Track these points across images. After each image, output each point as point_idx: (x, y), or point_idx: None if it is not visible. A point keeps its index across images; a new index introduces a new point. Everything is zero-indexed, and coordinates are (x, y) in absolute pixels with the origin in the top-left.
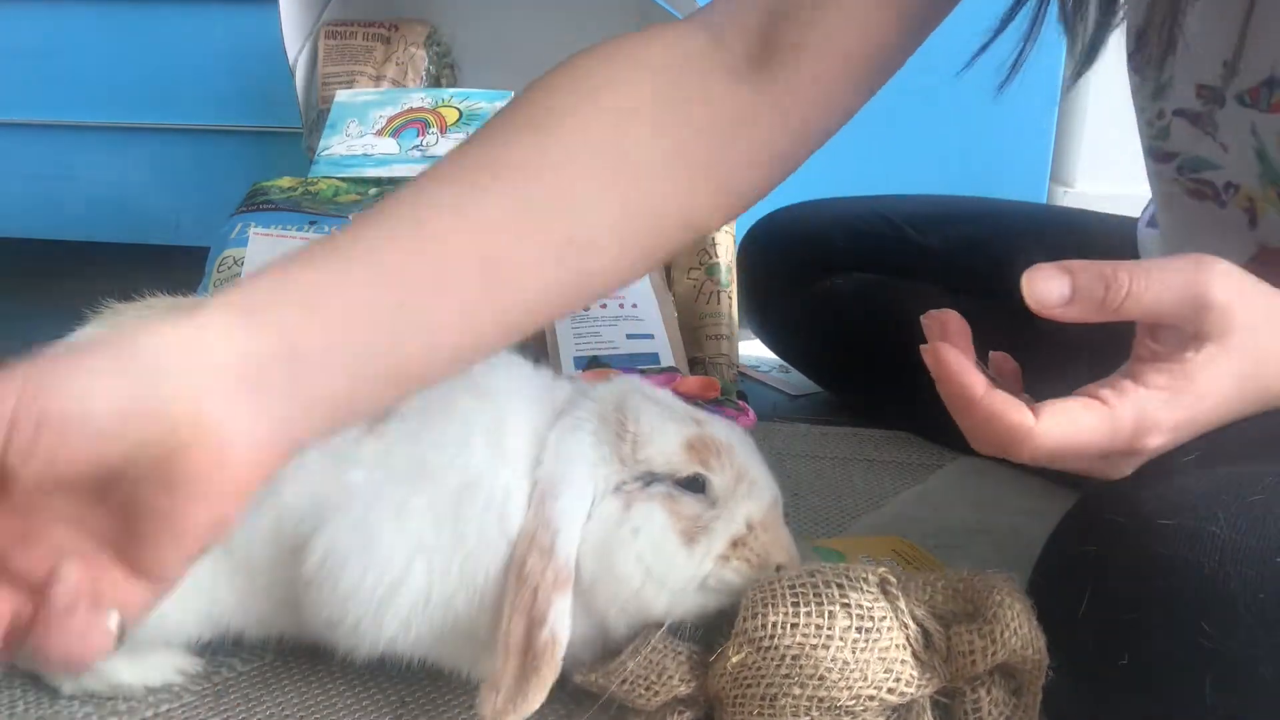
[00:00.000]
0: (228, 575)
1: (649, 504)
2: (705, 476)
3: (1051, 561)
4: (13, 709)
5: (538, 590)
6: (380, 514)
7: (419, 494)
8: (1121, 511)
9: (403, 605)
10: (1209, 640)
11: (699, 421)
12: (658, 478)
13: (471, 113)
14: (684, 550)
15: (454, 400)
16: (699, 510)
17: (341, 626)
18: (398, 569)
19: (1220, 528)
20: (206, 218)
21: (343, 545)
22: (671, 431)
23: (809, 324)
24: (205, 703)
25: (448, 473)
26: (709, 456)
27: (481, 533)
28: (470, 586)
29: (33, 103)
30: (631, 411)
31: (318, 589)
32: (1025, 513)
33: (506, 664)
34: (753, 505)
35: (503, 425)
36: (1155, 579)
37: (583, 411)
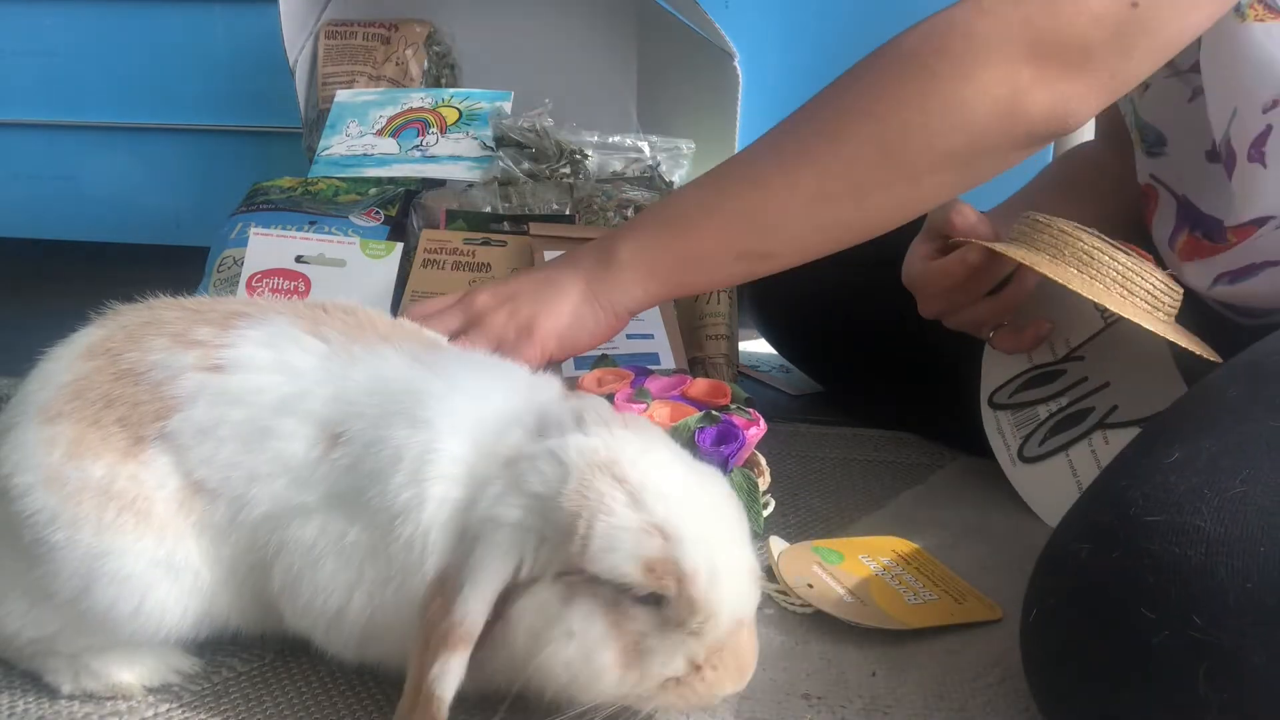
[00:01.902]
0: (222, 579)
1: (590, 605)
2: (662, 598)
3: (1048, 563)
4: (12, 709)
5: (429, 641)
6: (324, 544)
7: (354, 525)
8: (1110, 511)
9: (351, 627)
10: (1199, 631)
11: (666, 534)
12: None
13: (471, 113)
14: (616, 673)
15: (391, 429)
16: (645, 629)
17: (312, 637)
18: (339, 598)
19: (1205, 520)
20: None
21: (296, 568)
22: (628, 548)
23: (811, 320)
24: (205, 703)
25: (377, 507)
26: (668, 581)
27: (405, 570)
28: (409, 612)
29: (33, 103)
30: (589, 507)
31: (284, 605)
32: (1025, 513)
33: (406, 695)
34: (705, 641)
35: (429, 459)
36: (1145, 575)
37: (533, 474)
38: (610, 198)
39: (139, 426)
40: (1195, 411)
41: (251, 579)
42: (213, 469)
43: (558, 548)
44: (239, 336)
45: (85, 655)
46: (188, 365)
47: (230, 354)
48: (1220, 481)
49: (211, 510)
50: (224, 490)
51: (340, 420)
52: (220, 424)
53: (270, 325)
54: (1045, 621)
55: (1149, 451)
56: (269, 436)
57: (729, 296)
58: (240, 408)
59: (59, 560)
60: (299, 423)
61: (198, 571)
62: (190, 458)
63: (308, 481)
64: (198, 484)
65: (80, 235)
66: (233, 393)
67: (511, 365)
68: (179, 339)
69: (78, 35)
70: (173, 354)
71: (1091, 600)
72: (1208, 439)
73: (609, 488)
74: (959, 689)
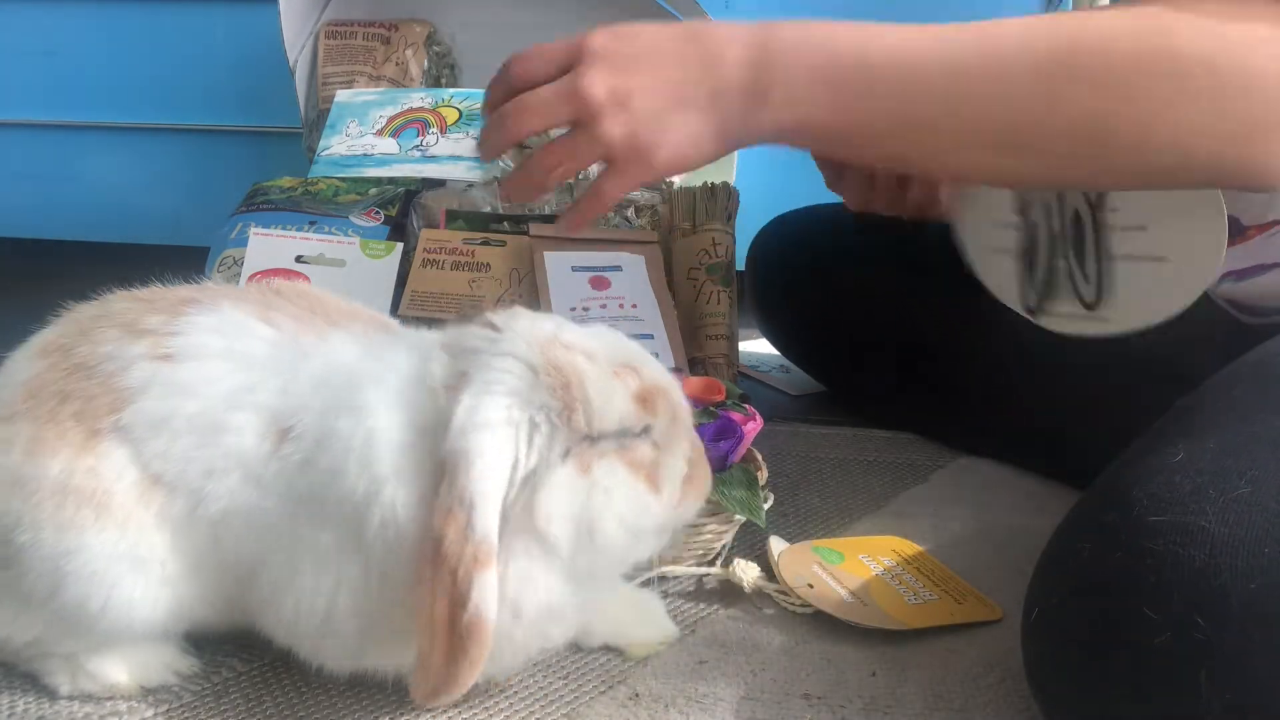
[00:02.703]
0: (186, 571)
1: (607, 462)
2: (649, 425)
3: (1050, 561)
4: (12, 709)
5: (457, 571)
6: (299, 553)
7: (324, 529)
8: (1114, 510)
9: (341, 632)
10: (1202, 633)
11: (634, 368)
12: (606, 435)
13: (472, 113)
14: (654, 499)
15: (337, 420)
16: (650, 455)
17: (300, 651)
18: (323, 603)
19: (1210, 521)
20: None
21: (276, 582)
22: (620, 391)
23: (815, 320)
24: (205, 703)
25: (340, 503)
26: (655, 404)
27: (386, 550)
28: (395, 600)
29: (33, 103)
30: (572, 375)
31: (269, 619)
32: (1025, 512)
33: (433, 646)
34: (687, 441)
35: (373, 442)
36: (1148, 575)
37: (495, 374)
38: None
39: (94, 420)
40: (1201, 411)
41: (216, 577)
42: (169, 463)
43: (556, 428)
44: (188, 324)
45: (81, 656)
46: (138, 355)
47: (179, 342)
48: (1225, 482)
49: (170, 503)
50: (180, 484)
51: (289, 414)
52: (174, 416)
53: (220, 312)
54: (1047, 621)
55: (1154, 450)
56: (222, 430)
57: (729, 297)
58: (193, 399)
59: (27, 562)
60: (249, 415)
61: (163, 562)
62: (146, 450)
63: (261, 479)
64: (155, 477)
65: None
66: (184, 383)
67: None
68: (129, 329)
69: (78, 35)
70: (123, 345)
71: (1093, 600)
72: (1213, 439)
73: (569, 355)
74: (959, 689)
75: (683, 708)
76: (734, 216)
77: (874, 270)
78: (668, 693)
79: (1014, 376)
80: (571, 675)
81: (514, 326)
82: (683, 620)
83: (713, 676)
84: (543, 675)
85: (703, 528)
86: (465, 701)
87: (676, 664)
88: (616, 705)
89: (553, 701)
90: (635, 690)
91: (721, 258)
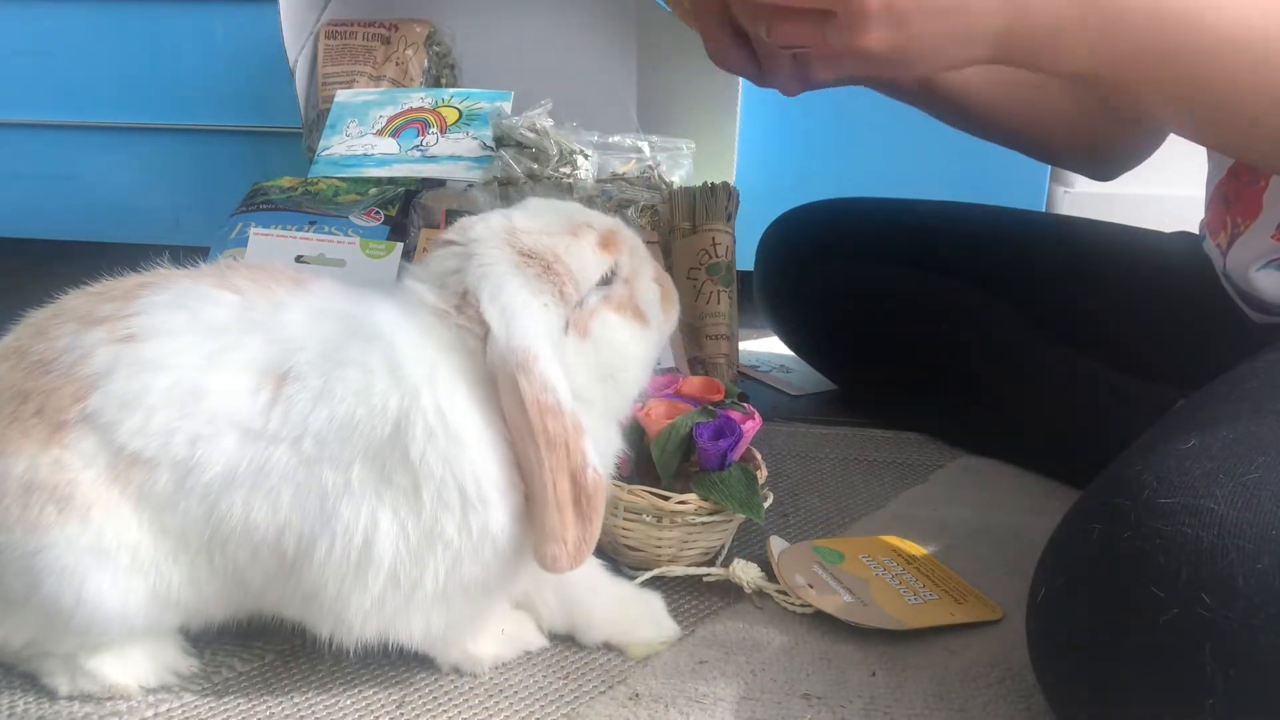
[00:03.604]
0: (170, 551)
1: (600, 317)
2: (616, 264)
3: (1059, 543)
4: (12, 709)
5: (568, 444)
6: (330, 496)
7: (351, 465)
8: (1124, 494)
9: (379, 574)
10: (1208, 611)
11: (584, 222)
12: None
13: (471, 113)
14: (645, 330)
15: (345, 352)
16: (626, 292)
17: (320, 620)
18: (360, 539)
19: (1218, 504)
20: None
21: (308, 532)
22: (585, 249)
23: (825, 313)
24: (205, 703)
25: (369, 425)
26: (616, 244)
27: (440, 459)
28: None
29: (33, 103)
30: (548, 254)
31: (293, 583)
32: (1025, 512)
33: (564, 518)
34: (648, 265)
35: (397, 356)
36: (1156, 555)
37: (494, 271)
38: (610, 198)
39: (58, 413)
40: (1215, 402)
41: (209, 556)
42: (149, 438)
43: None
44: (146, 304)
45: (80, 657)
46: (97, 341)
47: (140, 321)
48: (1236, 467)
49: (152, 480)
50: (164, 458)
51: (282, 360)
52: (147, 392)
53: (176, 288)
54: (1054, 600)
55: (1166, 439)
56: (202, 395)
57: (729, 297)
58: (164, 373)
59: (4, 564)
60: (233, 375)
61: (135, 548)
62: (120, 431)
63: (264, 432)
64: (133, 456)
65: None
66: (151, 359)
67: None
68: (84, 320)
69: (78, 35)
70: (80, 335)
71: (1101, 579)
72: (1225, 428)
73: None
74: (959, 689)
75: (683, 708)
76: (734, 216)
77: (882, 266)
78: (668, 693)
79: (1019, 373)
80: (571, 675)
81: (473, 235)
82: (683, 620)
83: (713, 676)
84: (543, 675)
85: (703, 528)
86: (465, 701)
87: (676, 664)
88: (616, 705)
89: (553, 701)
90: (635, 690)
91: (721, 258)
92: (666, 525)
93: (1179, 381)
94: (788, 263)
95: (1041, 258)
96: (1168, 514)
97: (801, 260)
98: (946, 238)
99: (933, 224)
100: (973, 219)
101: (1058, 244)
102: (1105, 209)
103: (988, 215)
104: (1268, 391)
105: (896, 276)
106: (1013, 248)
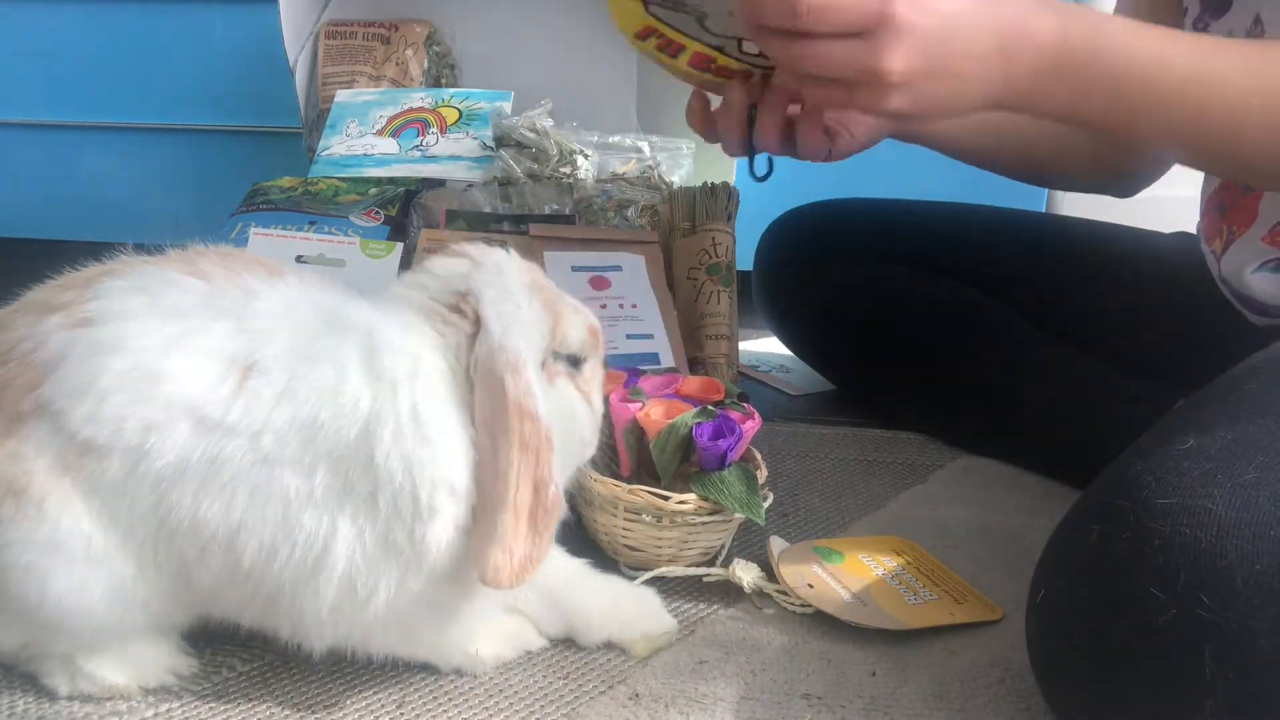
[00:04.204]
0: (119, 546)
1: (564, 381)
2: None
3: (1058, 544)
4: (12, 709)
5: (539, 453)
6: (292, 502)
7: (315, 470)
8: (1122, 494)
9: (339, 582)
10: (1207, 611)
11: (582, 309)
12: (561, 357)
13: (471, 113)
14: (590, 412)
15: (317, 346)
16: (587, 381)
17: (277, 625)
18: (319, 546)
19: (1217, 504)
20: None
21: (269, 535)
22: (580, 322)
23: (824, 313)
24: (205, 703)
25: (341, 424)
26: (597, 342)
27: (402, 461)
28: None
29: (33, 103)
30: (554, 296)
31: (250, 587)
32: (1025, 513)
33: (519, 525)
34: (596, 359)
35: (376, 347)
36: (1155, 556)
37: (507, 283)
38: (610, 198)
39: (15, 404)
40: (1214, 403)
41: (156, 549)
42: (100, 425)
43: (543, 339)
44: (104, 289)
45: (78, 657)
46: (53, 328)
47: (97, 306)
48: (1234, 468)
49: (101, 468)
50: (116, 444)
51: (250, 351)
52: (100, 375)
53: (138, 274)
54: (1053, 601)
55: (1165, 439)
56: (159, 380)
57: (729, 297)
58: (120, 356)
59: None
60: (196, 361)
61: (89, 540)
62: (72, 418)
63: (221, 423)
64: (84, 444)
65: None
66: (108, 342)
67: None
68: (41, 309)
69: (78, 35)
70: (36, 324)
71: (1100, 580)
72: (1224, 429)
73: (547, 281)
74: (959, 689)
75: (683, 708)
76: (734, 216)
77: (880, 267)
78: (668, 693)
79: (1019, 374)
80: (571, 675)
81: (491, 256)
82: (683, 620)
83: (713, 676)
84: (543, 675)
85: (703, 527)
86: (465, 701)
87: (676, 664)
88: (616, 705)
89: (553, 701)
90: (635, 690)
91: (722, 258)
92: (666, 525)
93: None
94: (785, 264)
95: (1041, 258)
96: (1166, 514)
97: (799, 262)
98: (945, 238)
99: (931, 224)
100: (972, 219)
101: (1057, 244)
102: (1105, 209)
103: (987, 216)
104: (1267, 392)
105: (895, 277)
106: (1012, 248)
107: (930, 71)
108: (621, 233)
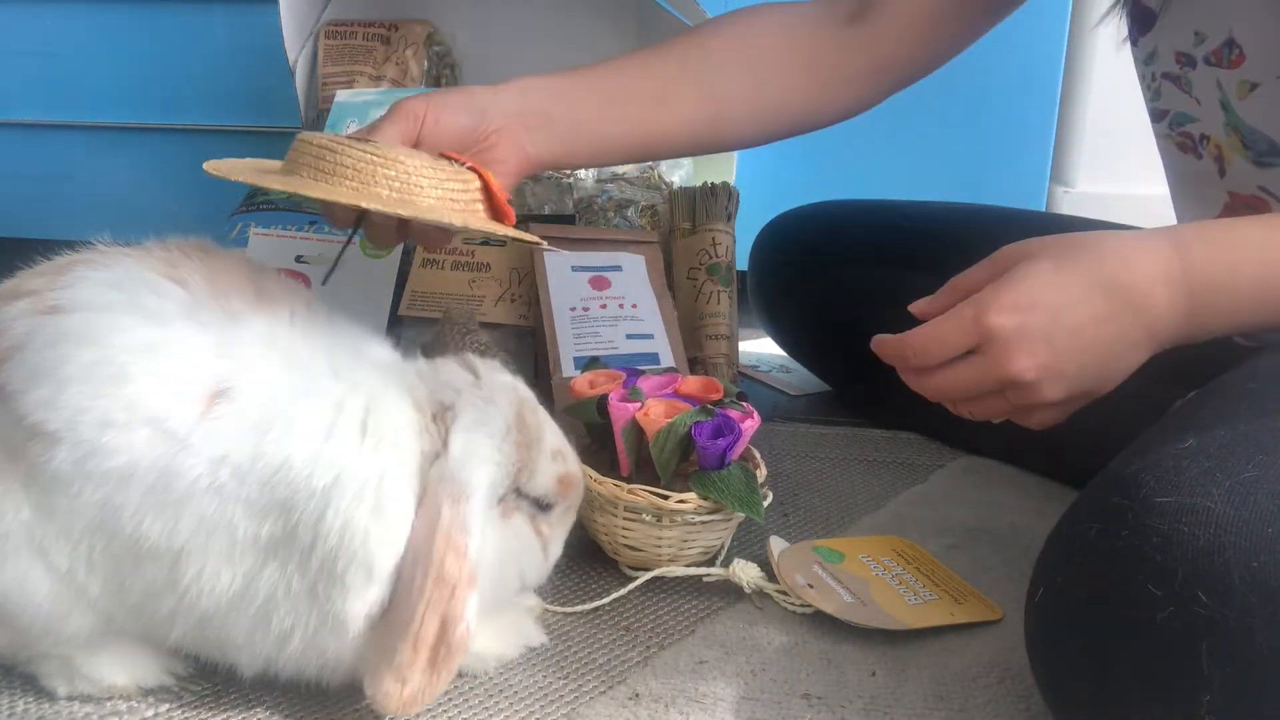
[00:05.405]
0: (56, 538)
1: (521, 520)
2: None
3: (1056, 542)
4: (12, 709)
5: (456, 589)
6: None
7: (264, 518)
8: (1121, 493)
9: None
10: (1204, 608)
11: (565, 455)
12: (526, 498)
13: None
14: (543, 560)
15: (315, 384)
16: (548, 528)
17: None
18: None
19: (1215, 502)
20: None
21: (214, 568)
22: (552, 470)
23: (819, 316)
24: (205, 703)
25: (312, 471)
26: (569, 490)
27: (347, 524)
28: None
29: (33, 103)
30: (535, 438)
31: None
32: (1025, 513)
33: (416, 657)
34: (566, 506)
35: (378, 409)
36: (1153, 554)
37: (489, 413)
38: (610, 198)
39: None
40: (1214, 402)
41: (92, 542)
42: (54, 411)
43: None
44: (77, 278)
45: (76, 658)
46: (19, 313)
47: (69, 294)
48: (1233, 466)
49: (48, 455)
50: (68, 434)
51: (224, 376)
52: (63, 363)
53: (116, 267)
54: (1052, 599)
55: (1164, 438)
56: (125, 380)
57: (729, 297)
58: (90, 348)
59: None
60: (168, 370)
61: (29, 529)
62: (24, 402)
63: (184, 441)
64: (33, 428)
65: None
66: (78, 332)
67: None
68: (8, 295)
69: (78, 35)
70: (1, 310)
71: (1098, 577)
72: (1224, 428)
73: (536, 418)
74: (959, 689)
75: (683, 708)
76: (734, 216)
77: (876, 268)
78: (668, 693)
79: None
80: (571, 675)
81: (493, 379)
82: (683, 620)
83: (713, 676)
84: (543, 675)
85: (702, 526)
86: (465, 701)
87: (676, 664)
88: (616, 705)
89: (553, 701)
90: (635, 690)
91: (722, 258)
92: (666, 524)
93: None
94: (781, 266)
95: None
96: (1164, 513)
97: (795, 263)
98: (941, 239)
99: (927, 225)
100: (970, 220)
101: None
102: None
103: (985, 216)
104: (1267, 392)
105: (892, 278)
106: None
107: (1060, 353)
108: (621, 233)
